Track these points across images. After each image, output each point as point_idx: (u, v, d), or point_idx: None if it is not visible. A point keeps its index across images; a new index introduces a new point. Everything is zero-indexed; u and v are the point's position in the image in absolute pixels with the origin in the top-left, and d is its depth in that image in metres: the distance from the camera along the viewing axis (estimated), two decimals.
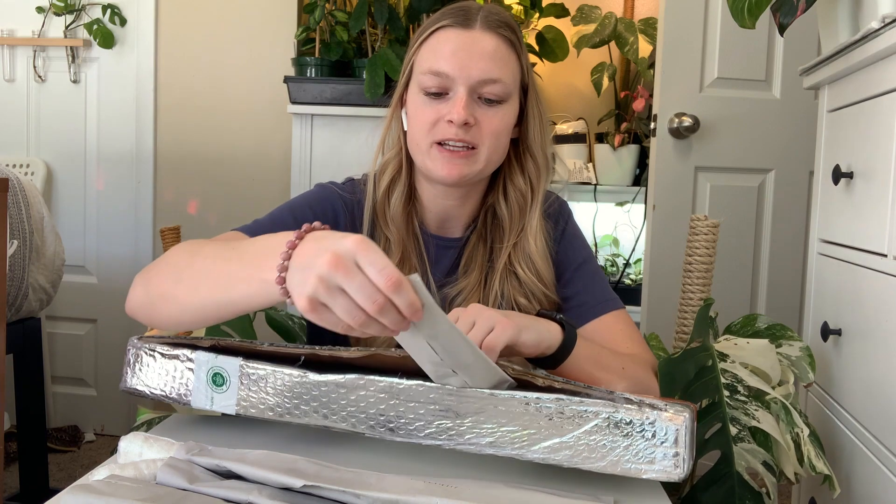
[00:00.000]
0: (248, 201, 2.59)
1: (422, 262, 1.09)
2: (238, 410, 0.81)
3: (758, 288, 2.35)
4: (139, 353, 0.86)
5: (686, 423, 0.71)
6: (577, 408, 0.73)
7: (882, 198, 1.13)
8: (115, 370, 2.68)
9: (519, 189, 1.09)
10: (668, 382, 1.05)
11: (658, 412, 0.71)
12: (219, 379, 0.81)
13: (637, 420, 0.71)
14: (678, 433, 0.71)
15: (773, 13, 1.33)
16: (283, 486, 0.66)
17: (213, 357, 0.81)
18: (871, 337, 1.17)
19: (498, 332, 0.82)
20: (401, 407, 0.76)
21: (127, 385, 0.87)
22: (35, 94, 2.66)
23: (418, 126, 1.03)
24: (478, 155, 1.02)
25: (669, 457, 0.71)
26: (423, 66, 1.03)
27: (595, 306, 1.08)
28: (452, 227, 1.12)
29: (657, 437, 0.71)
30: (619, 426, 0.72)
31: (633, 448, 0.71)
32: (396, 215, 1.08)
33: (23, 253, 1.84)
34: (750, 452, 1.01)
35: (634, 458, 0.71)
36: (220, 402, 0.82)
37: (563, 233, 1.14)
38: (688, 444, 0.71)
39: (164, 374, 0.84)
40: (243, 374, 0.80)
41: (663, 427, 0.71)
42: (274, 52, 2.54)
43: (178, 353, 0.83)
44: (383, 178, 1.09)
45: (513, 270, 1.08)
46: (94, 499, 0.62)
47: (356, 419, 0.78)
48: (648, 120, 2.39)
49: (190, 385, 0.83)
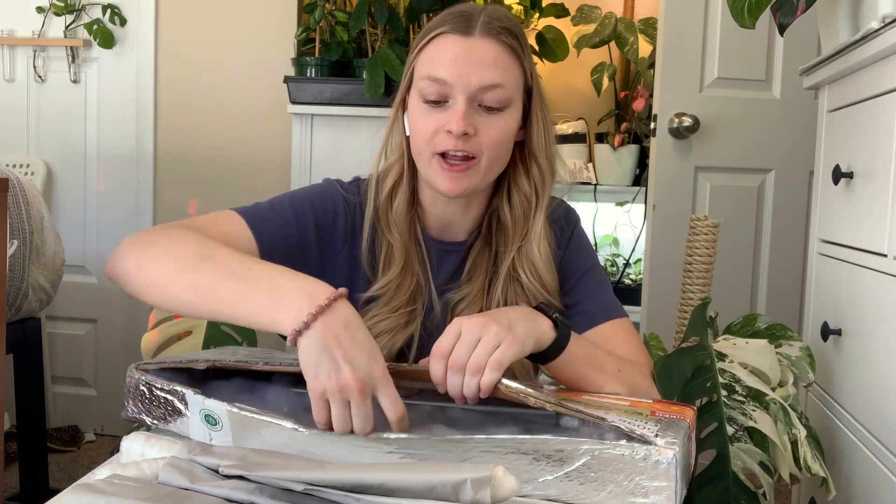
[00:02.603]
0: (249, 201, 2.56)
1: (424, 267, 1.08)
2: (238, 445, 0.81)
3: (758, 288, 2.35)
4: (138, 385, 0.86)
5: (677, 456, 0.70)
6: (567, 447, 0.72)
7: (882, 198, 1.13)
8: (115, 370, 2.68)
9: (524, 193, 1.08)
10: (667, 380, 1.05)
11: (648, 447, 0.71)
12: (211, 420, 0.81)
13: (628, 455, 0.71)
14: (669, 466, 0.70)
15: (773, 13, 1.33)
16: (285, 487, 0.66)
17: (202, 400, 0.80)
18: (871, 337, 1.17)
19: (504, 349, 0.80)
20: None
21: (128, 414, 0.87)
22: (35, 94, 2.66)
23: (419, 135, 1.02)
24: (478, 165, 1.00)
25: (662, 490, 0.70)
26: (422, 71, 1.01)
27: (597, 314, 1.07)
28: (455, 231, 1.10)
29: (648, 472, 0.70)
30: (611, 462, 0.71)
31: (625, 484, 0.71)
32: (399, 220, 1.06)
33: (23, 253, 1.84)
34: (746, 452, 1.01)
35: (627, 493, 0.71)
36: (218, 439, 0.82)
37: (570, 240, 1.12)
38: (679, 475, 0.71)
39: (162, 409, 0.84)
40: (233, 418, 0.79)
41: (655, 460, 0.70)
42: (274, 52, 2.54)
43: (172, 388, 0.83)
44: (386, 182, 1.08)
45: (516, 276, 1.07)
46: (96, 498, 0.62)
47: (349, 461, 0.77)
48: (648, 120, 2.39)
49: (187, 421, 0.83)
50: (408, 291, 1.05)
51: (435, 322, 1.07)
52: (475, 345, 0.80)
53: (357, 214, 1.08)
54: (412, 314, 1.05)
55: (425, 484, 0.62)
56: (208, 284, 0.82)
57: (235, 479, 0.68)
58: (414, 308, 1.05)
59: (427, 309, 1.07)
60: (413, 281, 1.06)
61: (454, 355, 0.79)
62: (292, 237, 1.02)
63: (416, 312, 1.05)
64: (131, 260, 0.87)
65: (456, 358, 0.79)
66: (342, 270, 1.06)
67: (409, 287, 1.05)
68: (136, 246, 0.89)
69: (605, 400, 0.85)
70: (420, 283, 1.06)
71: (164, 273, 0.85)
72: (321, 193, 1.08)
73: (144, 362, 0.89)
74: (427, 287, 1.07)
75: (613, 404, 0.83)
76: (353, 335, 0.76)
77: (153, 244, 0.88)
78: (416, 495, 0.62)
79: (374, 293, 1.05)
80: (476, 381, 0.79)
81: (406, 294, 1.05)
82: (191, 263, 0.84)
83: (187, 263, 0.84)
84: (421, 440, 0.75)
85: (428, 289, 1.07)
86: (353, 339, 0.76)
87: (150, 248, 0.87)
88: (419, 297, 1.06)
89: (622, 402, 0.85)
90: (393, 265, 1.05)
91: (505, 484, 0.62)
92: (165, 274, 0.85)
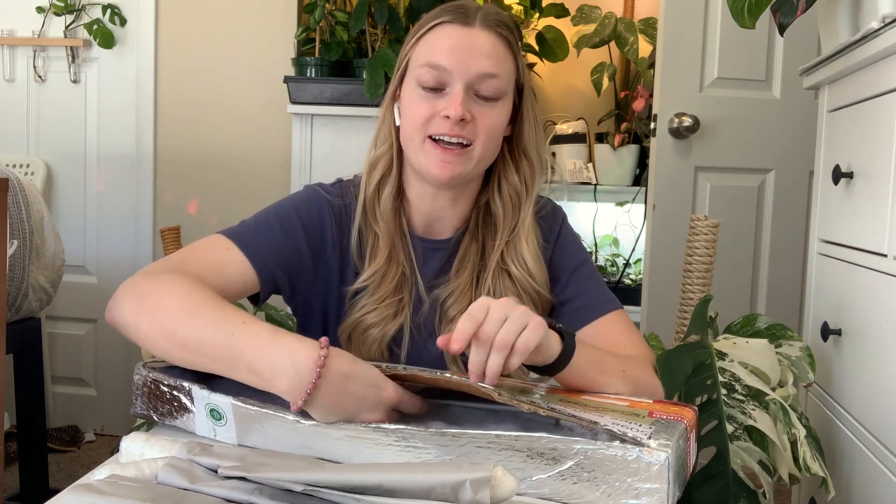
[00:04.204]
0: (248, 201, 2.58)
1: (409, 261, 1.08)
2: (240, 442, 0.82)
3: (758, 288, 2.35)
4: (146, 382, 0.87)
5: (670, 458, 0.70)
6: (561, 446, 0.72)
7: (882, 198, 1.13)
8: (116, 370, 2.68)
9: (513, 186, 1.09)
10: (668, 377, 1.05)
11: (640, 449, 0.71)
12: (216, 414, 0.82)
13: (620, 456, 0.71)
14: (661, 468, 0.70)
15: (773, 13, 1.33)
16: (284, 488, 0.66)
17: (208, 394, 0.82)
18: (871, 337, 1.17)
19: (530, 331, 0.80)
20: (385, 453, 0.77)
21: (137, 411, 0.89)
22: (35, 94, 2.66)
23: (412, 120, 1.02)
24: (472, 152, 1.01)
25: (654, 491, 0.70)
26: (420, 59, 1.02)
27: (593, 308, 1.07)
28: (440, 228, 1.10)
29: (640, 474, 0.71)
30: (603, 463, 0.72)
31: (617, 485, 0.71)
32: (386, 212, 1.07)
33: (23, 253, 1.84)
34: (746, 451, 1.01)
35: (620, 494, 0.71)
36: (222, 435, 0.83)
37: (559, 237, 1.13)
38: (672, 478, 0.71)
39: (169, 405, 0.86)
40: (237, 412, 0.80)
41: (648, 460, 0.70)
42: (274, 52, 2.54)
43: (180, 384, 0.84)
44: (374, 173, 1.08)
45: (505, 269, 1.07)
46: (96, 498, 0.62)
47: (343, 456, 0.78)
48: (648, 120, 2.39)
49: (193, 417, 0.84)
50: (393, 281, 1.05)
51: (424, 318, 1.07)
52: (503, 321, 0.79)
53: (343, 216, 1.08)
54: (399, 304, 1.05)
55: (425, 484, 0.62)
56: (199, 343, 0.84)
57: (235, 479, 0.68)
58: (401, 297, 1.06)
59: (415, 305, 1.07)
60: (398, 271, 1.06)
61: (484, 328, 0.79)
62: (285, 253, 1.02)
63: (404, 302, 1.06)
64: (127, 313, 0.89)
65: (485, 330, 0.78)
66: (334, 272, 1.07)
67: (395, 277, 1.05)
68: (129, 298, 0.90)
69: (604, 400, 0.85)
70: (406, 274, 1.07)
71: (155, 329, 0.87)
72: (306, 202, 1.07)
73: (152, 360, 0.91)
74: (413, 279, 1.07)
75: (611, 405, 0.83)
76: (355, 383, 0.79)
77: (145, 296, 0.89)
78: (416, 496, 0.62)
79: (361, 284, 1.05)
80: (502, 358, 0.78)
81: (392, 283, 1.05)
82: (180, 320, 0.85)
83: (177, 320, 0.85)
84: (419, 432, 0.76)
85: (414, 280, 1.07)
86: (356, 387, 0.79)
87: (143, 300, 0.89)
88: (405, 286, 1.07)
89: (621, 402, 0.85)
90: (378, 255, 1.05)
91: (504, 484, 0.62)
92: (157, 331, 0.87)
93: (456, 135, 0.99)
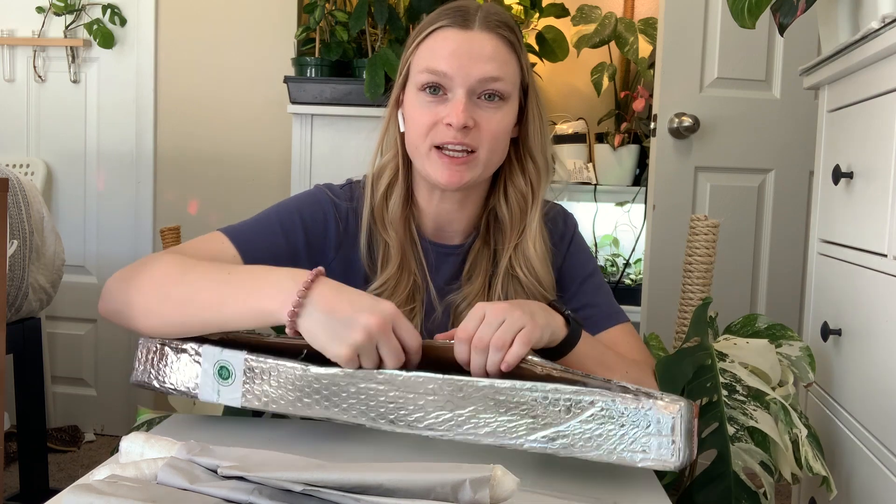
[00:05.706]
0: (248, 201, 2.58)
1: (420, 267, 1.07)
2: (243, 403, 0.83)
3: (758, 288, 2.35)
4: (149, 347, 0.88)
5: (682, 413, 0.72)
6: (575, 397, 0.74)
7: (882, 198, 1.13)
8: (116, 370, 2.68)
9: (519, 190, 1.08)
10: (668, 382, 1.05)
11: (654, 401, 0.72)
12: (224, 372, 0.83)
13: (633, 409, 0.72)
14: (674, 422, 0.71)
15: (773, 13, 1.32)
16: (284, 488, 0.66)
17: (220, 351, 0.83)
18: (871, 337, 1.17)
19: (528, 331, 0.81)
20: (400, 398, 0.78)
21: (137, 378, 0.89)
22: (35, 94, 2.66)
23: (416, 128, 1.01)
24: (477, 159, 1.00)
25: (665, 445, 0.72)
26: (420, 65, 1.01)
27: (602, 319, 1.07)
28: (451, 233, 1.10)
29: (652, 427, 0.72)
30: (615, 415, 0.73)
31: (628, 437, 0.72)
32: (395, 219, 1.06)
33: (23, 253, 1.84)
34: (747, 452, 1.01)
35: (630, 447, 0.72)
36: (226, 395, 0.83)
37: (571, 245, 1.13)
38: (683, 433, 0.72)
39: (173, 367, 0.86)
40: (248, 367, 0.82)
41: (658, 416, 0.72)
42: (274, 52, 2.54)
43: (187, 346, 0.86)
44: (381, 181, 1.07)
45: (514, 273, 1.07)
46: (95, 498, 0.62)
47: (357, 411, 0.79)
48: (648, 120, 2.39)
49: (198, 379, 0.85)
50: (406, 289, 1.04)
51: (436, 324, 1.06)
52: (499, 326, 0.81)
53: (350, 219, 1.07)
54: (411, 312, 1.05)
55: (424, 484, 0.62)
56: (191, 294, 0.85)
57: (234, 479, 0.68)
58: (413, 307, 1.05)
59: (427, 311, 1.07)
60: (410, 279, 1.05)
61: (478, 335, 0.81)
62: (280, 252, 1.01)
63: (416, 311, 1.05)
64: (118, 295, 0.90)
65: (479, 338, 0.81)
66: (335, 275, 1.06)
67: (407, 285, 1.05)
68: (119, 281, 0.91)
69: None
70: (417, 282, 1.06)
71: (149, 297, 0.87)
72: (311, 203, 1.06)
73: None
74: (425, 286, 1.07)
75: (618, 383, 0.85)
76: (349, 293, 0.80)
77: (134, 275, 0.90)
78: (415, 496, 0.62)
79: (372, 293, 1.05)
80: (500, 356, 0.80)
81: (404, 292, 1.04)
82: (171, 281, 0.87)
83: (168, 282, 0.87)
84: (429, 379, 0.78)
85: (426, 288, 1.07)
86: (351, 296, 0.80)
87: (132, 279, 0.90)
88: (417, 295, 1.06)
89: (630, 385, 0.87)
90: (390, 263, 1.05)
91: (504, 484, 0.62)
92: (150, 298, 0.87)
93: (460, 142, 0.98)
